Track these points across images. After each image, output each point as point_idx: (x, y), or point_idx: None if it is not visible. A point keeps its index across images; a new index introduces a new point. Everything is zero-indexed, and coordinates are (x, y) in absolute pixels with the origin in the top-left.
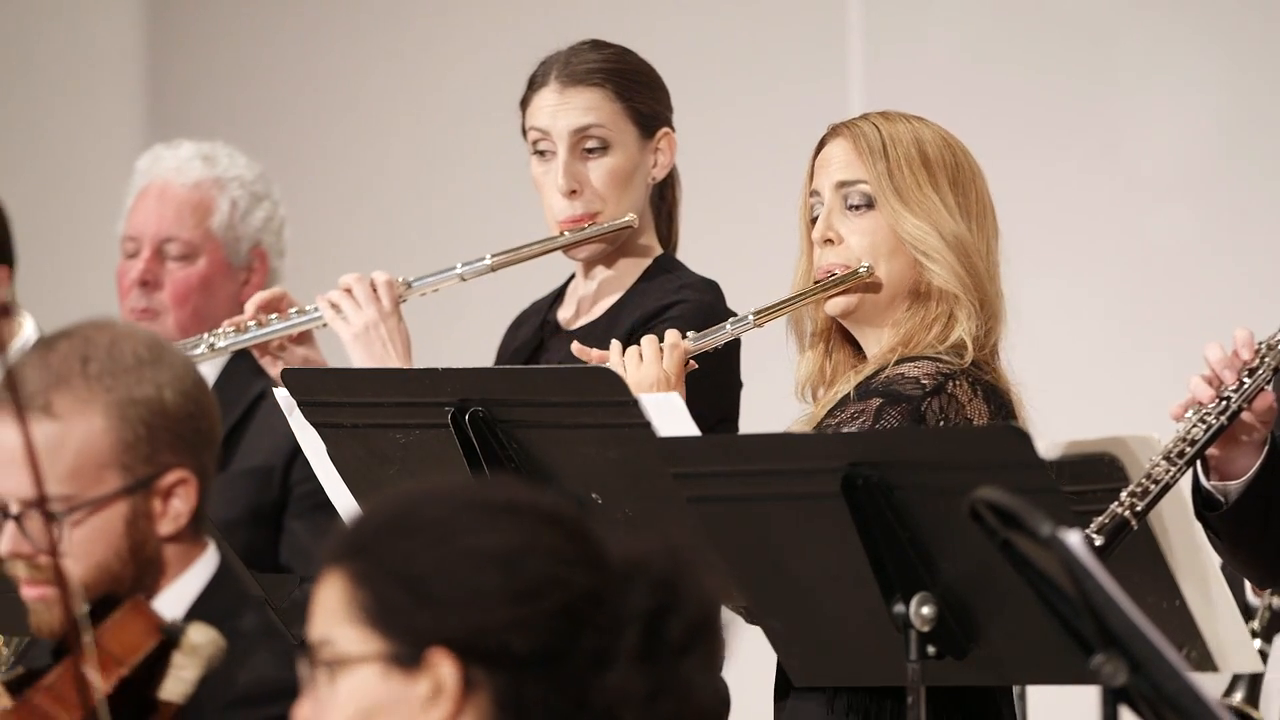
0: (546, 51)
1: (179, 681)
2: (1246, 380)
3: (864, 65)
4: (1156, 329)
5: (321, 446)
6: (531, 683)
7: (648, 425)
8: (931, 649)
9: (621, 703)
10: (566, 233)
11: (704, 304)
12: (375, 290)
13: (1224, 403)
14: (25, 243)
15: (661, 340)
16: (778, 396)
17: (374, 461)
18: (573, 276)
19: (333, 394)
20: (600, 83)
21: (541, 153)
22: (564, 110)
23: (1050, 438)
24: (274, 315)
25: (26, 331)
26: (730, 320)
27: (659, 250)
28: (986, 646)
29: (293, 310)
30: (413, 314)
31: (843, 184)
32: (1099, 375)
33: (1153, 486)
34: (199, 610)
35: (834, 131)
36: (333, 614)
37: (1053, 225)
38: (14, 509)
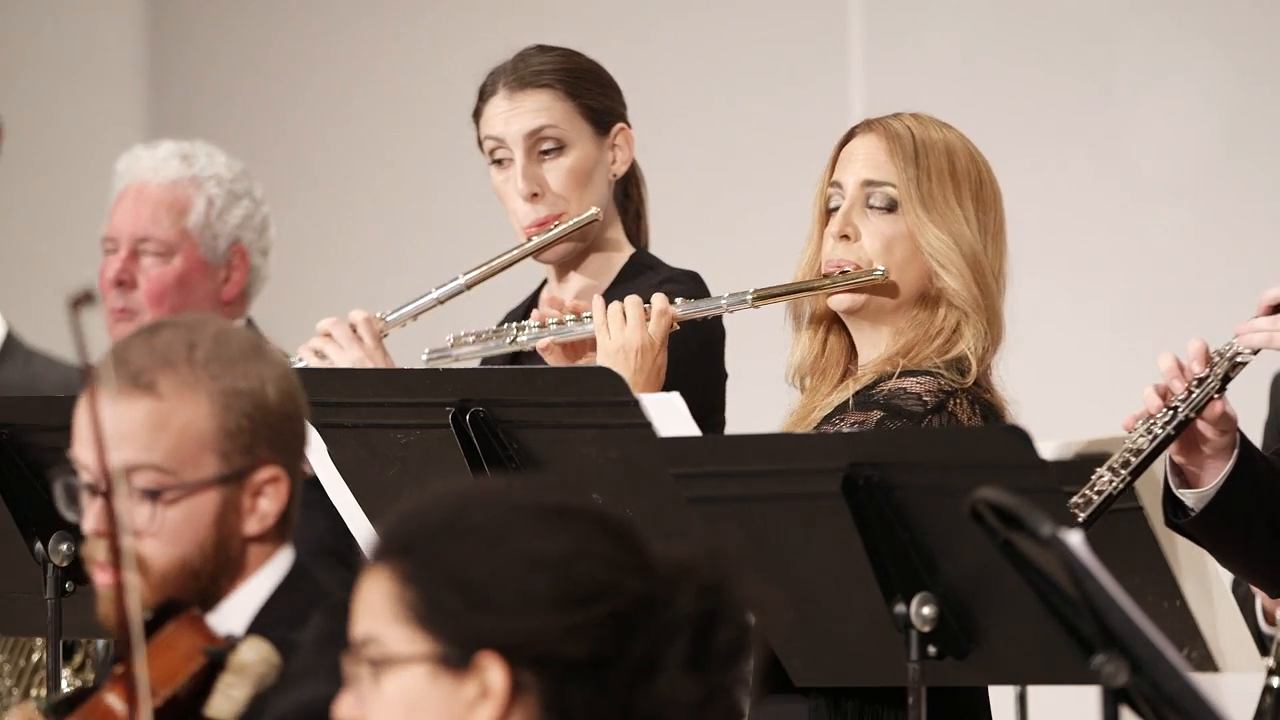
0: None
1: (228, 700)
2: (1195, 389)
3: (864, 65)
4: (1156, 329)
5: (322, 446)
6: (579, 688)
7: (648, 425)
8: (932, 649)
9: (669, 710)
10: (534, 238)
11: (689, 294)
12: (355, 330)
13: (1171, 413)
14: (25, 243)
15: (647, 303)
16: (769, 385)
17: (375, 462)
18: (544, 282)
19: (334, 394)
20: (549, 83)
21: (499, 161)
22: (516, 114)
23: (1055, 438)
24: None
25: None
26: (727, 295)
27: (629, 248)
28: (987, 647)
29: None
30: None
31: (869, 183)
32: (1098, 375)
33: (1095, 497)
34: (265, 614)
35: (867, 126)
36: (380, 612)
37: (1053, 226)
38: (100, 484)
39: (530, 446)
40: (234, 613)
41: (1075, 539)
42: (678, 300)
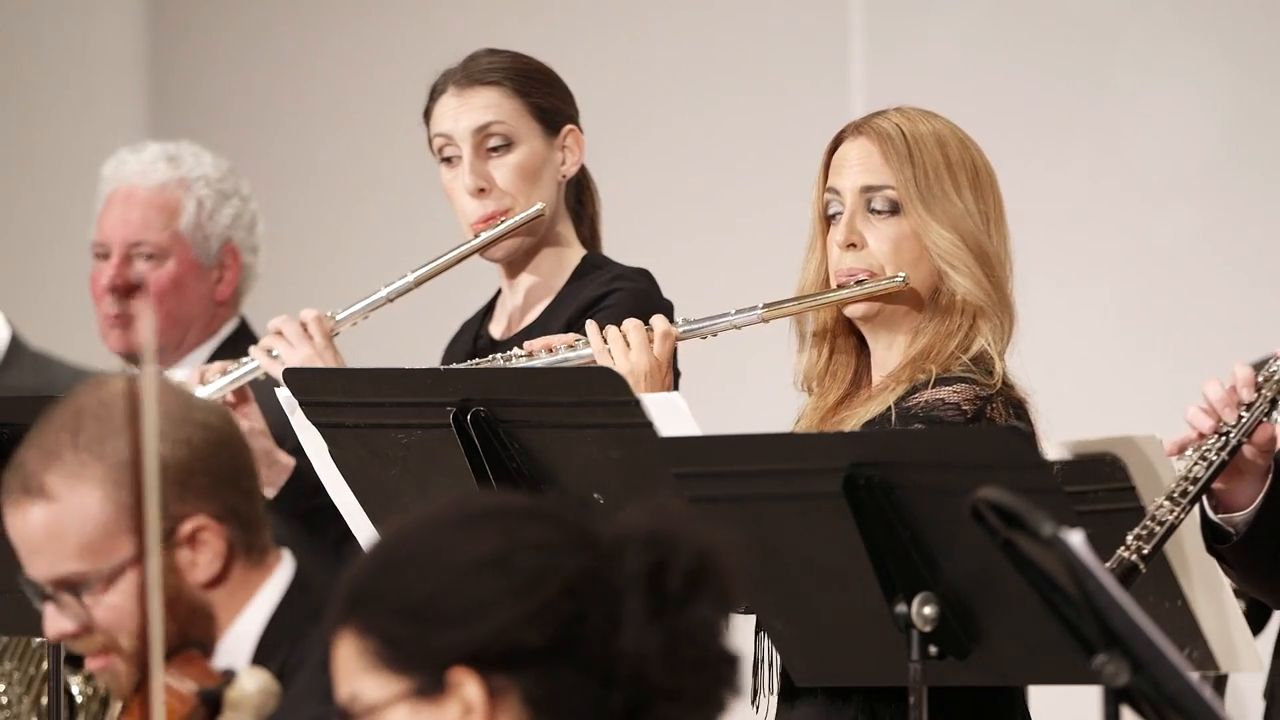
0: (545, 55)
1: None
2: (1244, 414)
3: (864, 65)
4: (1157, 329)
5: (324, 446)
6: (555, 673)
7: (649, 425)
8: (933, 649)
9: (644, 664)
10: (481, 234)
11: (639, 291)
12: (305, 328)
13: (1223, 439)
14: (26, 245)
15: (649, 326)
16: (778, 391)
17: (376, 462)
18: (499, 291)
19: (335, 394)
20: (498, 81)
21: (448, 159)
22: (464, 111)
23: (1062, 438)
24: (217, 372)
25: None
26: (735, 310)
27: (580, 249)
28: (988, 646)
29: (230, 365)
30: (353, 338)
31: (868, 188)
32: (1100, 375)
33: (1158, 529)
34: (268, 637)
35: (855, 129)
36: (352, 671)
37: (1053, 226)
38: (49, 590)
39: (531, 446)
40: (238, 642)
41: (1076, 538)
42: (678, 320)
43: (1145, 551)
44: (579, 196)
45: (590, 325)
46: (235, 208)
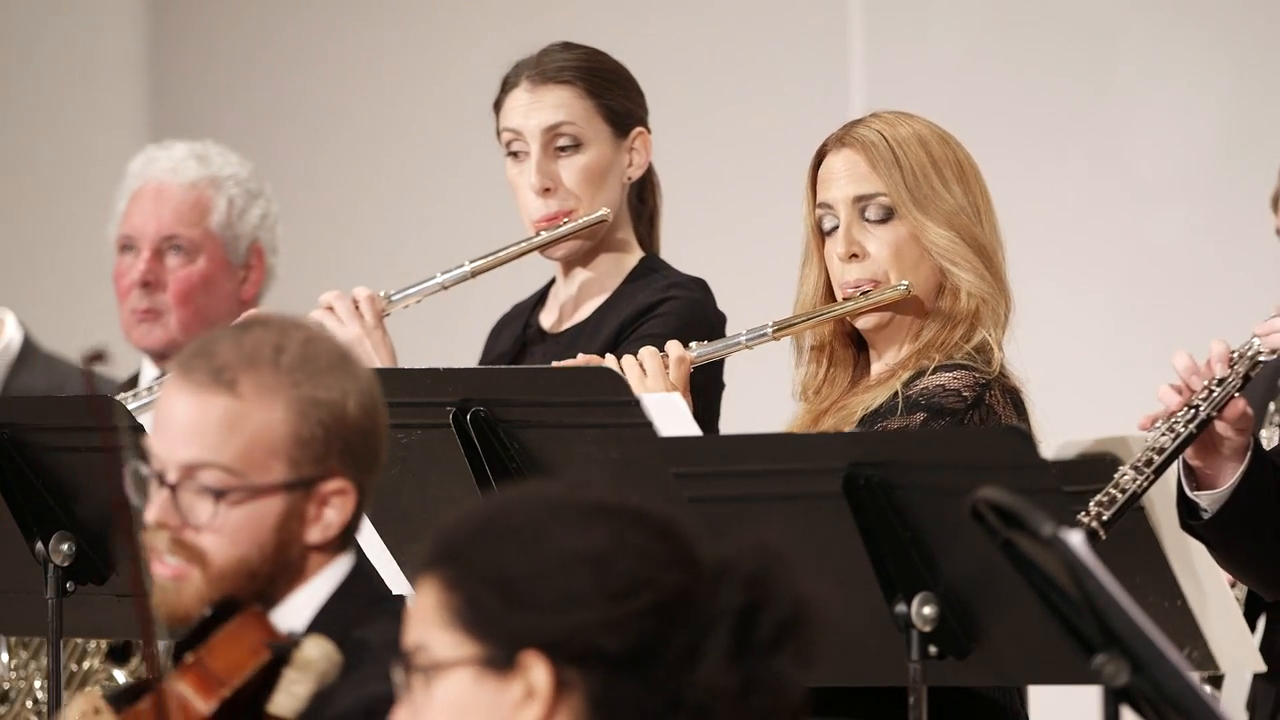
0: None
1: (291, 696)
2: (1216, 389)
3: (864, 65)
4: (1156, 329)
5: None
6: (624, 683)
7: (649, 425)
8: (933, 649)
9: (714, 700)
10: (542, 232)
11: (693, 301)
12: (357, 306)
13: (1192, 411)
14: (26, 244)
15: (663, 351)
16: (777, 397)
17: None
18: (554, 280)
19: None
20: (570, 80)
21: (515, 154)
22: (535, 109)
23: (1053, 438)
24: None
25: (8, 330)
26: (746, 331)
27: (640, 251)
28: (988, 646)
29: None
30: (400, 322)
31: (860, 198)
32: (1098, 375)
33: (1119, 496)
34: (325, 615)
35: (838, 142)
36: (427, 620)
37: (1053, 226)
38: (171, 477)
39: (531, 446)
40: (293, 614)
41: (1076, 538)
42: (692, 344)
43: (1105, 518)
44: (640, 194)
45: (609, 357)
46: (261, 208)
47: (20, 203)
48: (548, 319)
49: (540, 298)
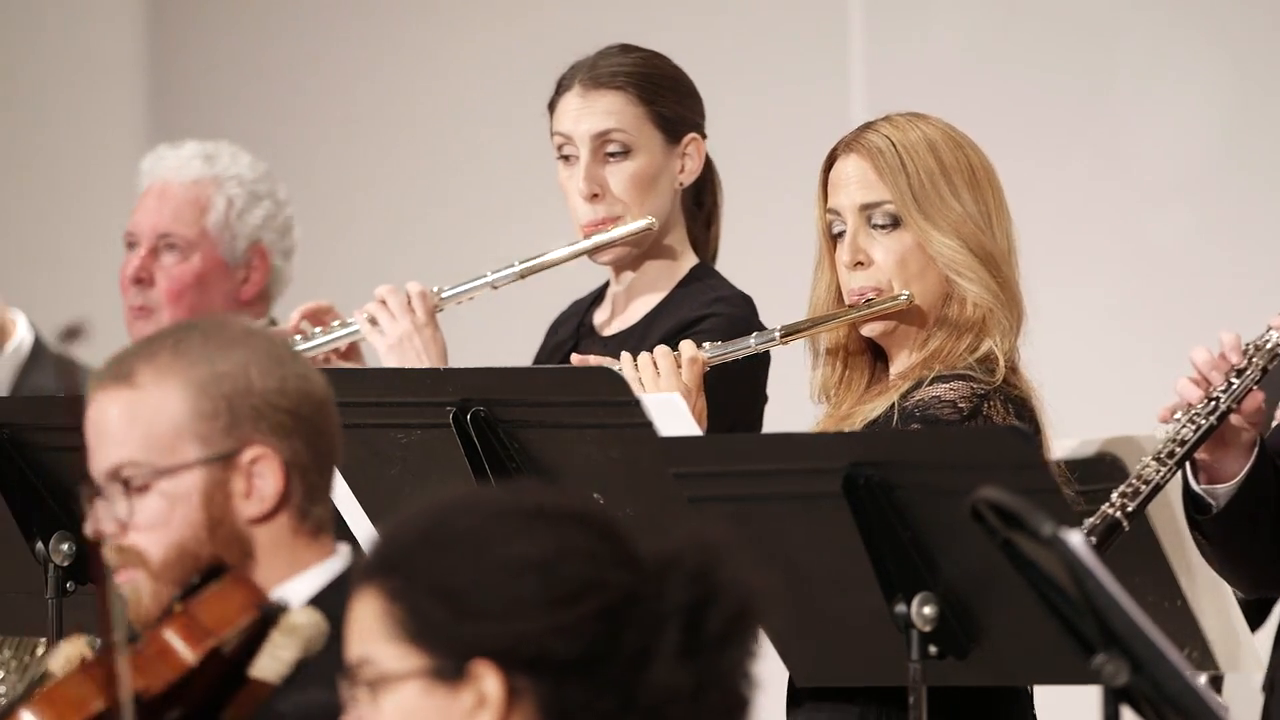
0: (545, 53)
1: (275, 660)
2: (1234, 381)
3: (864, 65)
4: (1157, 329)
5: None
6: (575, 687)
7: (649, 425)
8: (933, 649)
9: (668, 700)
10: (590, 238)
11: (736, 318)
12: (410, 302)
13: (1213, 403)
14: (27, 244)
15: (675, 350)
16: (792, 400)
17: (376, 461)
18: (607, 284)
19: (335, 393)
20: (623, 86)
21: (566, 157)
22: (586, 114)
23: (1061, 438)
24: (317, 329)
25: (20, 331)
26: (755, 334)
27: (692, 256)
28: (988, 646)
29: (335, 323)
30: (446, 320)
31: (866, 205)
32: (1099, 375)
33: (1143, 487)
34: (317, 606)
35: (846, 147)
36: (370, 632)
37: (1053, 226)
38: (101, 486)
39: (531, 446)
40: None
41: (1076, 538)
42: (705, 345)
43: (1130, 509)
44: (698, 196)
45: (624, 356)
46: (268, 210)
47: (21, 203)
48: (600, 317)
49: (597, 295)
